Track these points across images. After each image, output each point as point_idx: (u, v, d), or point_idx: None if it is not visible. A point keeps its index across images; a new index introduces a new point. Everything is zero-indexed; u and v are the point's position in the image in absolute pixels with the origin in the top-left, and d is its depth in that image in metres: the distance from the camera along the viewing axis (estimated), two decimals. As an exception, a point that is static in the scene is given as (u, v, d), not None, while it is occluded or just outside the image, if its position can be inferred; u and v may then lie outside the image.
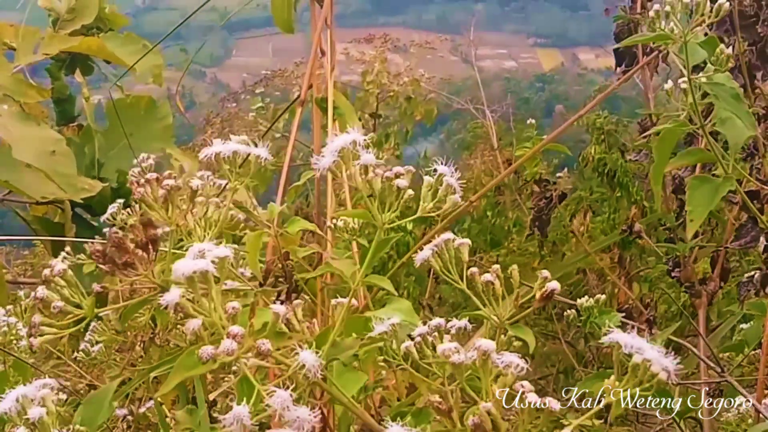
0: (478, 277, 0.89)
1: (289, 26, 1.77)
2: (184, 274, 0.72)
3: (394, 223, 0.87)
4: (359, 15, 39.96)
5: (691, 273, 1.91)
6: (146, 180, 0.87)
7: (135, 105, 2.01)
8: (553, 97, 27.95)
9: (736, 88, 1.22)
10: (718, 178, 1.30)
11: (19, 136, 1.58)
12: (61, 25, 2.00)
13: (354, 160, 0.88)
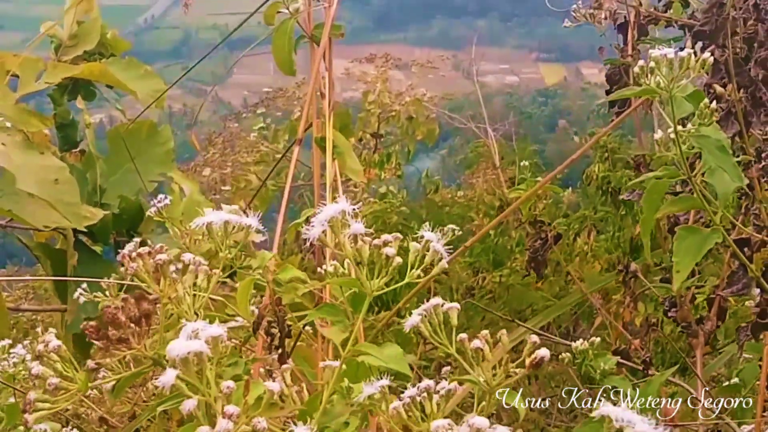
0: (467, 343, 0.90)
1: (291, 68, 1.79)
2: (179, 355, 0.73)
3: (383, 290, 0.88)
4: (360, 32, 40.10)
5: (688, 313, 1.90)
6: (138, 254, 0.88)
7: (137, 130, 2.01)
8: (555, 111, 27.98)
9: (722, 140, 1.23)
10: (706, 229, 1.32)
11: (22, 165, 1.58)
12: (64, 51, 2.00)
13: (343, 229, 0.90)
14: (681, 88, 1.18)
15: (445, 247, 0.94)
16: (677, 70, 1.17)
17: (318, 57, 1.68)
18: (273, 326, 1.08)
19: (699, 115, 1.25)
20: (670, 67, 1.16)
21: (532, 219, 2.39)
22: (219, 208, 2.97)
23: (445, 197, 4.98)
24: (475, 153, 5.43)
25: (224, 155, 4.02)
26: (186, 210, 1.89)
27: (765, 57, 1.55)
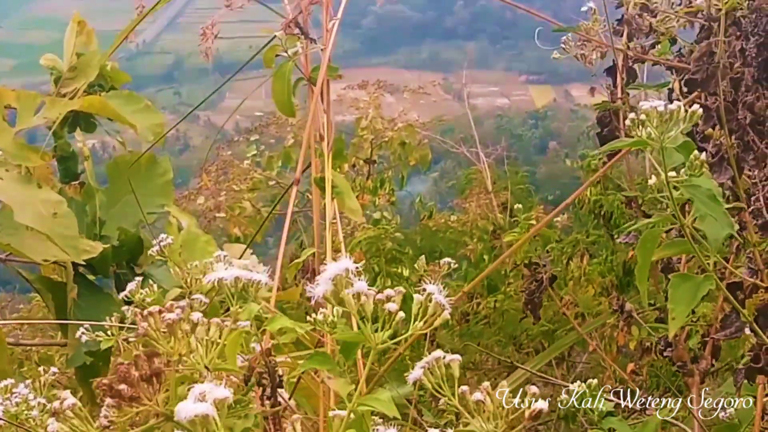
0: (468, 396, 0.91)
1: (291, 110, 1.81)
2: (186, 417, 0.75)
3: (386, 343, 0.90)
4: (352, 55, 40.17)
5: (683, 353, 1.92)
6: (149, 313, 0.90)
7: (136, 162, 2.02)
8: (546, 133, 28.08)
9: (713, 189, 1.26)
10: (699, 276, 1.35)
11: (21, 199, 1.59)
12: (63, 83, 2.01)
13: (347, 287, 0.92)
14: (670, 140, 1.20)
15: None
16: (667, 122, 1.20)
17: (315, 98, 1.69)
18: (264, 377, 1.09)
19: (689, 166, 1.29)
20: (660, 119, 1.19)
21: (527, 261, 2.41)
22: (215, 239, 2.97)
23: (439, 222, 5.00)
24: (467, 179, 5.45)
25: (218, 183, 4.03)
26: (183, 243, 1.91)
27: (752, 101, 1.57)
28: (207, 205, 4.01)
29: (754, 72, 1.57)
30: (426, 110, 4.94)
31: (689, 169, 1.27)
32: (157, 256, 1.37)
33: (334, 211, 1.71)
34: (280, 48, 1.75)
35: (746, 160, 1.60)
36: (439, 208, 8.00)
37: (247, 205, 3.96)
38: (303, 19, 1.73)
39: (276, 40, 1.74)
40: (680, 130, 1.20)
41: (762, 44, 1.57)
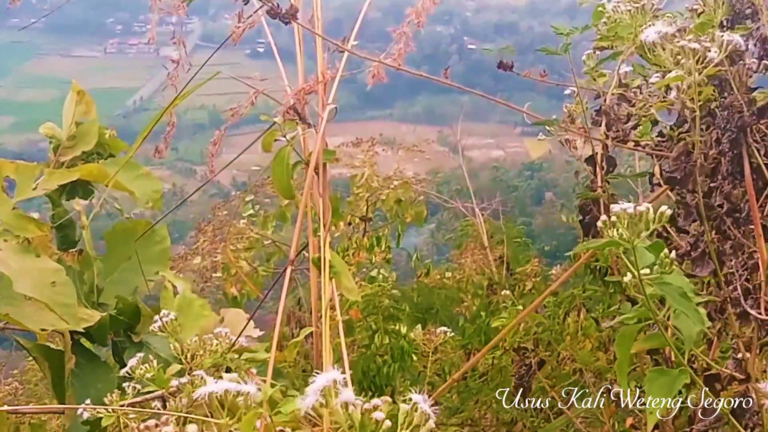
0: None
1: (290, 194, 1.85)
2: None
3: None
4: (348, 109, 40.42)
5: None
6: (146, 427, 0.92)
7: (133, 229, 2.05)
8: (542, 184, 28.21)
9: (684, 287, 1.31)
10: (674, 370, 1.38)
11: (19, 269, 1.61)
12: (62, 151, 2.04)
13: (335, 397, 0.96)
14: (642, 240, 1.25)
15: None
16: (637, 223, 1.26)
17: (309, 181, 1.73)
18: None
19: (660, 264, 1.33)
20: (630, 221, 1.25)
21: (516, 346, 2.44)
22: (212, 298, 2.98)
23: (435, 278, 5.01)
24: (464, 232, 5.47)
25: (214, 243, 4.05)
26: (179, 308, 1.92)
27: (728, 190, 1.61)
28: (204, 264, 4.02)
29: (727, 165, 1.61)
30: (422, 163, 4.96)
31: (660, 267, 1.31)
32: (158, 333, 1.39)
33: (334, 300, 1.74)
34: (278, 133, 1.80)
35: (724, 250, 1.63)
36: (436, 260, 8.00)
37: (244, 264, 3.97)
38: (300, 105, 1.78)
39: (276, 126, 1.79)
40: (650, 231, 1.24)
41: (734, 140, 1.62)
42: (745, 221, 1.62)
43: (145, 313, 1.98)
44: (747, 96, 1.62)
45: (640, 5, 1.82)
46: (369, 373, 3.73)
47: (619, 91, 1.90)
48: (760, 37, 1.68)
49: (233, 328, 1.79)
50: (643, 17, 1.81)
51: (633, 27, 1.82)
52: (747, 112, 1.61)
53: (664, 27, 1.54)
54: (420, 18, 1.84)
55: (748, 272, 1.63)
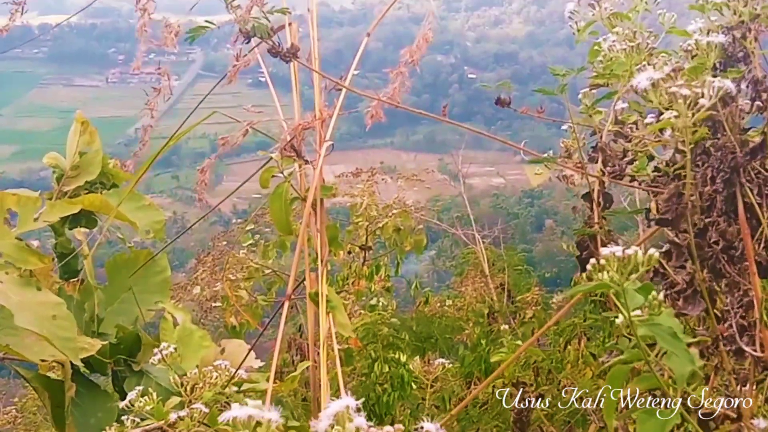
0: None
1: (289, 229, 1.86)
2: None
3: None
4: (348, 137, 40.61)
5: None
6: None
7: (134, 259, 2.06)
8: (542, 211, 28.30)
9: (674, 327, 1.33)
10: (666, 410, 1.40)
11: (20, 302, 1.62)
12: (65, 181, 2.06)
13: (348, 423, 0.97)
14: (631, 282, 1.28)
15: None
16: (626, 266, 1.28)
17: (306, 217, 1.75)
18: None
19: (649, 306, 1.35)
20: (619, 263, 1.27)
21: (514, 381, 2.45)
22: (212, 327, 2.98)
23: (435, 307, 5.01)
24: (465, 260, 5.48)
25: (214, 273, 4.05)
26: (179, 339, 1.94)
27: (724, 228, 1.62)
28: (203, 294, 4.02)
29: (722, 204, 1.63)
30: (422, 191, 4.97)
31: (650, 309, 1.33)
32: (158, 365, 1.40)
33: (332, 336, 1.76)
34: (276, 169, 1.82)
35: (718, 288, 1.64)
36: (436, 287, 8.00)
37: (243, 294, 3.97)
38: (297, 142, 1.80)
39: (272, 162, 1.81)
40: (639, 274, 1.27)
41: (728, 180, 1.63)
42: (740, 259, 1.63)
43: (145, 342, 1.99)
44: (740, 137, 1.64)
45: (635, 44, 1.84)
46: (368, 401, 3.73)
47: (615, 128, 1.92)
48: (752, 79, 1.70)
49: (234, 359, 1.80)
50: (638, 56, 1.84)
51: (628, 65, 1.84)
52: (740, 152, 1.63)
53: (656, 73, 1.56)
54: (415, 57, 1.87)
55: (744, 309, 1.64)
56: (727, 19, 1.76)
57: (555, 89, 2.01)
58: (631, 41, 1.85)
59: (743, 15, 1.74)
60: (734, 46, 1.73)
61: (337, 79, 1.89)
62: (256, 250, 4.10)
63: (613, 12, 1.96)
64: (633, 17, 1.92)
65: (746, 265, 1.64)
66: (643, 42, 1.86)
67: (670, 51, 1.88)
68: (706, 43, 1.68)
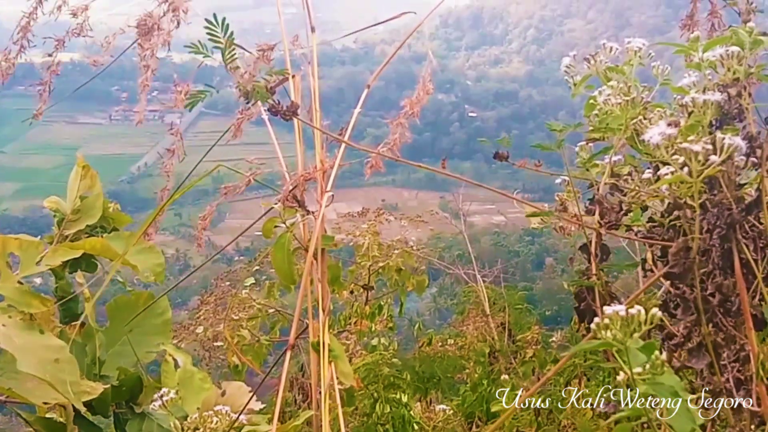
0: None
1: (292, 279, 1.88)
2: None
3: None
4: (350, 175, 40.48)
5: None
6: None
7: (135, 301, 2.07)
8: (542, 249, 28.28)
9: (675, 386, 1.34)
10: None
11: (23, 346, 1.62)
12: (66, 225, 2.07)
13: None
14: (634, 341, 1.30)
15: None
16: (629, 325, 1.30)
17: (308, 267, 1.76)
18: None
19: (652, 365, 1.36)
20: (622, 322, 1.29)
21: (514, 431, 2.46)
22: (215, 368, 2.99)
23: (437, 346, 5.02)
24: (466, 299, 5.48)
25: (216, 313, 4.05)
26: (180, 381, 1.94)
27: (720, 282, 1.64)
28: (206, 334, 4.02)
29: (718, 259, 1.64)
30: (423, 228, 4.99)
31: (652, 368, 1.34)
32: (158, 410, 1.40)
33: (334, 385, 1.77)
34: (278, 220, 1.84)
35: (718, 342, 1.65)
36: (437, 324, 7.97)
37: (246, 334, 3.98)
38: (300, 192, 1.82)
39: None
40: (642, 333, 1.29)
41: (724, 236, 1.65)
42: (736, 313, 1.64)
43: (147, 384, 1.99)
44: (736, 193, 1.66)
45: (629, 98, 1.87)
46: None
47: (611, 181, 1.94)
48: (747, 135, 1.72)
49: (235, 401, 1.81)
50: (633, 109, 1.86)
51: (624, 119, 1.86)
52: (736, 209, 1.65)
53: (668, 129, 1.59)
54: (415, 108, 1.89)
55: (740, 364, 1.65)
56: (722, 75, 1.79)
57: (552, 144, 2.04)
58: (626, 95, 1.88)
59: (738, 73, 1.76)
60: (730, 104, 1.75)
61: (336, 135, 1.91)
62: (259, 289, 4.11)
63: (609, 66, 1.99)
64: (627, 71, 1.94)
65: (742, 319, 1.65)
66: (638, 96, 1.89)
67: (664, 104, 1.90)
68: (703, 101, 1.70)
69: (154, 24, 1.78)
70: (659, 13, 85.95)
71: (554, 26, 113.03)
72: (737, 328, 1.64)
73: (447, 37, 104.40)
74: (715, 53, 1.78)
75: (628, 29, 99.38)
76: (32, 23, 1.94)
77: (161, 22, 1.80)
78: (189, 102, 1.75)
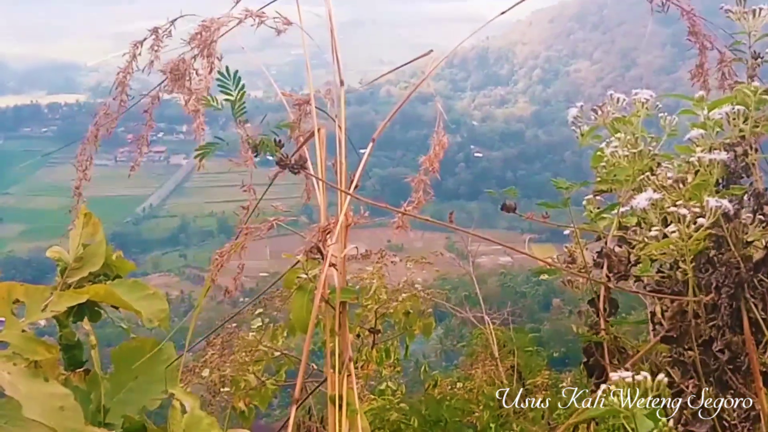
0: None
1: (305, 328, 1.88)
2: None
3: None
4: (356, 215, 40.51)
5: None
6: None
7: (140, 348, 2.05)
8: (549, 290, 28.18)
9: None
10: None
11: (28, 393, 1.61)
12: (69, 273, 2.06)
13: None
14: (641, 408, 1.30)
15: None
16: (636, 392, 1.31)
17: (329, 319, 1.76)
18: None
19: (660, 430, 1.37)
20: (630, 389, 1.30)
21: None
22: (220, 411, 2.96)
23: (445, 389, 4.97)
24: (475, 342, 5.45)
25: (223, 356, 4.03)
26: (187, 426, 1.91)
27: (729, 339, 1.62)
28: (212, 377, 4.00)
29: (726, 318, 1.63)
30: (430, 269, 4.97)
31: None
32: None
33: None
34: (300, 271, 1.85)
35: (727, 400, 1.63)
36: (444, 366, 7.93)
37: (252, 378, 3.95)
38: (322, 245, 1.82)
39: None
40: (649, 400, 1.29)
41: (732, 295, 1.64)
42: (746, 372, 1.62)
43: (152, 431, 1.97)
44: (743, 251, 1.64)
45: (637, 151, 1.86)
46: None
47: (618, 233, 1.93)
48: (754, 192, 1.71)
49: (241, 448, 1.78)
50: (640, 162, 1.85)
51: (631, 171, 1.85)
52: (744, 268, 1.63)
53: (654, 194, 1.58)
54: (434, 165, 1.90)
55: (750, 423, 1.63)
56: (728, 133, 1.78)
57: (558, 203, 2.03)
58: (633, 147, 1.87)
59: (744, 131, 1.75)
60: (736, 162, 1.74)
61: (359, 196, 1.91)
62: (265, 333, 4.09)
63: (616, 117, 1.98)
64: (635, 122, 1.94)
65: (752, 378, 1.63)
66: (645, 148, 1.88)
67: (671, 155, 1.89)
68: (709, 160, 1.69)
69: (186, 69, 1.79)
70: (665, 53, 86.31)
71: (560, 66, 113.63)
72: (747, 386, 1.62)
73: (452, 77, 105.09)
74: (720, 112, 1.77)
75: (635, 69, 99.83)
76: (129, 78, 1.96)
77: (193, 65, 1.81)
78: (199, 153, 1.76)
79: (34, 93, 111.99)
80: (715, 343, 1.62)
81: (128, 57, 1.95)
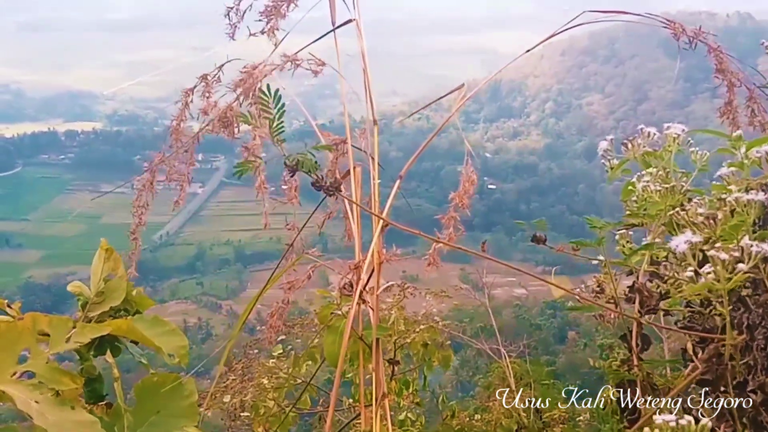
0: None
1: (337, 362, 1.88)
2: None
3: None
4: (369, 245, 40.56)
5: None
6: None
7: (161, 383, 2.04)
8: (564, 323, 28.09)
9: None
10: None
11: (56, 422, 1.60)
12: (90, 308, 2.06)
13: None
14: None
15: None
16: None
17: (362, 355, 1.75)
18: None
19: None
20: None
21: None
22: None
23: (463, 420, 4.95)
24: (493, 375, 5.43)
25: (244, 381, 4.03)
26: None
27: (762, 380, 1.59)
28: (233, 402, 3.99)
29: (761, 358, 1.60)
30: (447, 301, 4.97)
31: None
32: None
33: None
34: (334, 306, 1.85)
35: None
36: (459, 397, 7.87)
37: (271, 404, 3.94)
38: (354, 280, 1.82)
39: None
40: None
41: (767, 336, 1.61)
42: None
43: (172, 466, 1.95)
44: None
45: (669, 186, 1.83)
46: None
47: (650, 269, 1.90)
48: None
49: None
50: (672, 197, 1.83)
51: (663, 206, 1.83)
52: None
53: (694, 237, 1.56)
54: (464, 201, 1.90)
55: None
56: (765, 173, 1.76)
57: (593, 242, 2.00)
58: (665, 182, 1.84)
59: (782, 171, 1.72)
60: (773, 204, 1.70)
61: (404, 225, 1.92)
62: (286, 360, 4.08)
63: (647, 151, 1.96)
64: (666, 157, 1.92)
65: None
66: (677, 184, 1.85)
67: (702, 191, 1.86)
68: (746, 200, 1.66)
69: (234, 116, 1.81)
70: (678, 87, 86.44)
71: (572, 99, 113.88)
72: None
73: (465, 109, 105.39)
74: (760, 150, 1.75)
75: (647, 103, 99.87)
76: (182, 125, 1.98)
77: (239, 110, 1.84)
78: (238, 171, 1.78)
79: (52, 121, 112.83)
80: (748, 384, 1.59)
81: (180, 105, 1.97)
